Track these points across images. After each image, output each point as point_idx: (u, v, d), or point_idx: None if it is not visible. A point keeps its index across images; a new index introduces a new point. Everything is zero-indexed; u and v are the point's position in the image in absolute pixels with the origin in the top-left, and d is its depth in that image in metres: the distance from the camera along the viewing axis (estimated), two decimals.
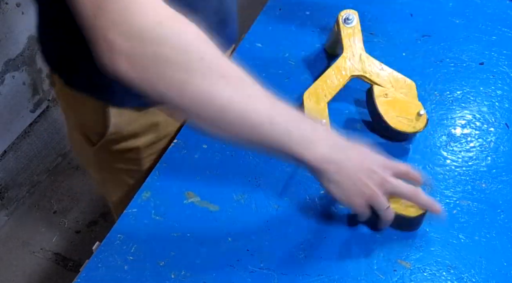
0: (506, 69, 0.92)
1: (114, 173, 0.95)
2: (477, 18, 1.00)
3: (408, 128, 0.80)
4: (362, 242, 0.74)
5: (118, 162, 0.92)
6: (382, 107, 0.80)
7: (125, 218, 0.77)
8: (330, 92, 0.83)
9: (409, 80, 0.84)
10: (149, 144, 0.89)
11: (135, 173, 0.93)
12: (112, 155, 0.90)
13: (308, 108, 0.83)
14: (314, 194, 0.79)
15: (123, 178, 0.95)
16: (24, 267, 1.70)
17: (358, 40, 0.85)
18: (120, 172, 0.94)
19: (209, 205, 0.78)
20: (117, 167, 0.93)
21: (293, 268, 0.72)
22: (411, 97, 0.83)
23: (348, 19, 0.86)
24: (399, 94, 0.82)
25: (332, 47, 0.93)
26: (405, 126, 0.80)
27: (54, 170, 1.92)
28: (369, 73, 0.84)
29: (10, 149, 1.72)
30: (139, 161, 0.91)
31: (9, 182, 1.76)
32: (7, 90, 1.62)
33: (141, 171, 0.92)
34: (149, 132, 0.88)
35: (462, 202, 0.77)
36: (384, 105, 0.81)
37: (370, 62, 0.84)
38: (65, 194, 1.87)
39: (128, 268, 0.73)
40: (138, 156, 0.90)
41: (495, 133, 0.85)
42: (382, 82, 0.83)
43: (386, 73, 0.84)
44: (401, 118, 0.80)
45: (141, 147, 0.88)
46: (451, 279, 0.70)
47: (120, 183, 0.97)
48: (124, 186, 0.96)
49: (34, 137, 1.79)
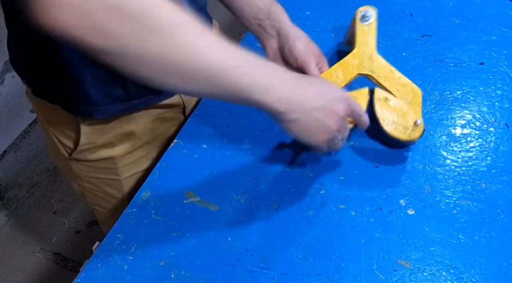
0: (506, 69, 0.92)
1: (92, 183, 0.93)
2: (477, 18, 1.00)
3: (402, 136, 0.79)
4: (362, 242, 0.74)
5: (95, 172, 0.90)
6: (380, 111, 0.80)
7: (125, 218, 0.77)
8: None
9: (416, 87, 0.82)
10: (125, 153, 0.88)
11: (114, 182, 0.92)
12: (88, 165, 0.88)
13: None
14: (314, 194, 0.79)
15: (103, 188, 0.94)
16: (24, 267, 1.70)
17: (371, 39, 0.84)
18: (99, 182, 0.93)
19: (209, 205, 0.78)
20: (95, 177, 0.91)
21: (293, 268, 0.72)
22: (415, 105, 0.81)
23: (365, 17, 0.85)
24: (400, 100, 0.81)
25: (350, 42, 0.91)
26: (400, 134, 0.79)
27: (54, 170, 1.92)
28: (376, 74, 0.83)
29: (10, 149, 1.72)
30: (115, 170, 0.89)
31: (9, 182, 1.76)
32: (7, 90, 1.62)
33: (120, 181, 0.91)
34: (124, 142, 0.86)
35: (462, 202, 0.77)
36: (382, 109, 0.80)
37: (379, 63, 0.83)
38: (65, 194, 1.87)
39: (128, 268, 0.73)
40: (115, 165, 0.89)
41: (495, 133, 0.85)
42: (388, 85, 0.82)
43: (394, 77, 0.82)
44: (397, 125, 0.79)
45: (116, 157, 0.87)
46: (451, 279, 0.70)
47: (100, 194, 0.95)
48: (105, 196, 0.95)
49: (34, 137, 1.79)
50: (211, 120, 0.87)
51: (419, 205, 0.77)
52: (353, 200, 0.78)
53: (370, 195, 0.78)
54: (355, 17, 0.86)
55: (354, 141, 0.84)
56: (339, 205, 0.77)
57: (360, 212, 0.77)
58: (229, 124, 0.87)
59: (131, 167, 0.90)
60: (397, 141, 0.80)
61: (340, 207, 0.77)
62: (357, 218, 0.76)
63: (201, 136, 0.85)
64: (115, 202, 0.95)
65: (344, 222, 0.76)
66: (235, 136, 0.85)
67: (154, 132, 0.89)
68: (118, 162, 0.88)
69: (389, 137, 0.79)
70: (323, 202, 0.78)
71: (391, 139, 0.80)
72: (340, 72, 0.83)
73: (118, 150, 0.87)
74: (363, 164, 0.81)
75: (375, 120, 0.80)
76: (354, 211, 0.77)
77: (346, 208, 0.77)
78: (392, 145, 0.83)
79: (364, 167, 0.81)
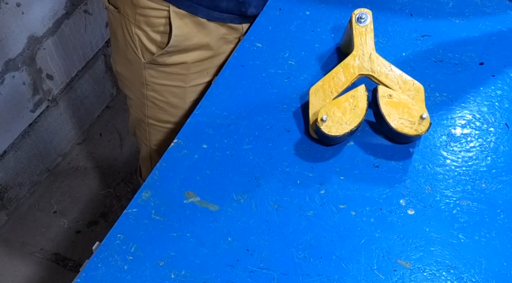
0: (506, 69, 0.92)
1: (158, 91, 1.00)
2: (477, 18, 1.00)
3: (409, 131, 0.79)
4: (362, 242, 0.74)
5: (165, 78, 0.98)
6: (385, 108, 0.80)
7: (125, 218, 0.78)
8: (336, 89, 0.83)
9: (418, 84, 0.83)
10: (196, 61, 0.95)
11: (180, 90, 0.99)
12: (161, 71, 0.96)
13: (313, 103, 0.83)
14: (314, 194, 0.79)
15: (167, 97, 1.01)
16: (24, 267, 1.71)
17: (369, 39, 0.85)
18: (165, 90, 1.00)
19: (209, 205, 0.78)
20: (163, 84, 0.99)
21: (293, 268, 0.72)
22: (418, 101, 0.82)
23: (361, 18, 0.86)
24: (404, 96, 0.81)
25: (346, 46, 0.92)
26: (407, 129, 0.79)
27: (54, 170, 1.93)
28: (377, 73, 0.83)
29: (10, 149, 1.72)
30: (185, 76, 0.97)
31: (9, 182, 1.76)
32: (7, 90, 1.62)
33: (185, 88, 0.98)
34: (199, 50, 0.94)
35: (462, 202, 0.77)
36: (387, 106, 0.80)
37: (379, 62, 0.84)
38: (65, 194, 1.88)
39: (128, 268, 0.73)
40: (186, 71, 0.96)
41: (495, 133, 0.85)
42: (390, 83, 0.83)
43: (395, 75, 0.83)
44: (403, 120, 0.80)
45: (189, 62, 0.95)
46: (451, 279, 0.70)
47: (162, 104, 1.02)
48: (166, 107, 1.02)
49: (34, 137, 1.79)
50: (211, 120, 0.87)
51: (419, 205, 0.77)
52: (353, 200, 0.78)
53: (370, 195, 0.78)
54: (351, 20, 0.86)
55: (354, 141, 0.84)
56: (339, 205, 0.77)
57: (360, 212, 0.77)
58: (229, 124, 0.87)
59: (197, 76, 0.99)
60: (404, 136, 0.80)
61: (340, 207, 0.77)
62: (357, 218, 0.76)
63: (201, 137, 0.85)
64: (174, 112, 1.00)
65: (344, 222, 0.76)
66: (235, 136, 0.85)
67: (218, 50, 0.98)
68: (190, 68, 0.96)
69: (396, 133, 0.80)
70: (323, 202, 0.78)
71: (398, 135, 0.81)
72: (342, 74, 0.84)
73: (192, 56, 0.95)
74: (363, 164, 0.82)
75: (381, 118, 0.80)
76: (354, 211, 0.77)
77: (346, 208, 0.77)
78: (399, 140, 0.83)
79: (364, 167, 0.81)
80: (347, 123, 0.80)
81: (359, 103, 0.81)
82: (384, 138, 0.84)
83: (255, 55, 0.96)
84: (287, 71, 0.93)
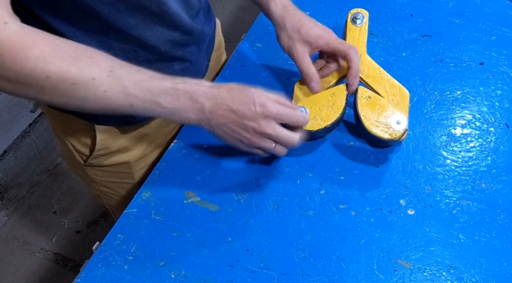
0: (506, 69, 0.92)
1: (109, 187, 0.95)
2: (477, 18, 1.00)
3: (383, 134, 0.78)
4: (362, 242, 0.74)
5: (111, 176, 0.92)
6: (362, 109, 0.79)
7: (125, 218, 0.78)
8: (322, 85, 0.82)
9: (405, 90, 0.82)
10: (140, 157, 0.89)
11: (129, 185, 0.93)
12: (103, 170, 0.90)
13: (296, 96, 0.83)
14: (314, 194, 0.79)
15: (119, 191, 0.95)
16: (24, 267, 1.70)
17: (362, 40, 0.85)
18: (115, 186, 0.94)
19: (209, 205, 0.78)
20: (110, 181, 0.93)
21: (293, 268, 0.72)
22: (402, 107, 0.81)
23: (356, 18, 0.86)
24: (385, 99, 0.80)
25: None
26: (381, 132, 0.78)
27: (54, 170, 1.93)
28: (365, 74, 0.83)
29: (10, 149, 1.72)
30: (131, 174, 0.91)
31: (9, 182, 1.76)
32: None
33: (134, 183, 0.92)
34: (138, 146, 0.87)
35: (462, 202, 0.77)
36: (365, 107, 0.79)
37: (368, 63, 0.84)
38: (65, 194, 1.87)
39: (128, 268, 0.73)
40: (130, 170, 0.90)
41: (495, 133, 0.85)
42: (377, 86, 0.82)
43: (382, 78, 0.82)
44: (379, 123, 0.78)
45: (131, 161, 0.88)
46: (451, 279, 0.70)
47: (117, 197, 0.97)
48: (122, 199, 0.97)
49: (34, 137, 1.79)
50: None
51: (419, 205, 0.77)
52: (353, 200, 0.78)
53: (370, 195, 0.78)
54: (347, 19, 0.86)
55: (354, 141, 0.84)
56: (339, 205, 0.77)
57: (360, 212, 0.77)
58: None
59: (146, 171, 0.91)
60: (379, 139, 0.79)
61: (340, 207, 0.77)
62: (357, 218, 0.76)
63: (201, 136, 0.85)
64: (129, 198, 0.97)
65: (344, 222, 0.76)
66: None
67: (165, 134, 0.90)
68: (134, 166, 0.90)
69: (370, 135, 0.79)
70: (323, 202, 0.78)
71: (373, 138, 0.79)
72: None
73: (133, 154, 0.88)
74: (363, 164, 0.81)
75: (357, 118, 0.80)
76: (354, 211, 0.77)
77: (346, 208, 0.77)
78: (376, 144, 0.82)
79: (364, 167, 0.81)
80: (323, 120, 0.79)
81: (338, 102, 0.80)
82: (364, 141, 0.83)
83: (255, 55, 0.96)
84: (287, 71, 0.93)
